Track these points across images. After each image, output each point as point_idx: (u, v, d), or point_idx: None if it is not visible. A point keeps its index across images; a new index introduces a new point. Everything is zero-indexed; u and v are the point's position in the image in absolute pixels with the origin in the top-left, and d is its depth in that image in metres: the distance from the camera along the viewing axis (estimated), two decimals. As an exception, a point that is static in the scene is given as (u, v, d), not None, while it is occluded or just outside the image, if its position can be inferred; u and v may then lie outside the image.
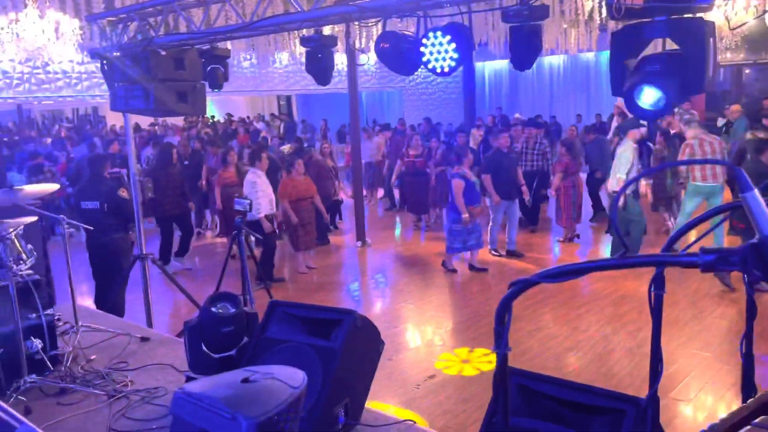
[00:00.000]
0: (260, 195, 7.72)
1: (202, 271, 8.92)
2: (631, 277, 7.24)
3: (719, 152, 7.80)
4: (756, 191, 0.82)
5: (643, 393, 4.67)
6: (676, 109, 10.57)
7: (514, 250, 8.78)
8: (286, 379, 1.84)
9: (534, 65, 3.78)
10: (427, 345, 6.03)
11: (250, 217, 7.45)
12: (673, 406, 4.55)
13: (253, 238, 7.33)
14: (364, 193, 11.50)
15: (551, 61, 20.08)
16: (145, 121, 17.93)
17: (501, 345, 1.00)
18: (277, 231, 8.29)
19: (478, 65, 21.39)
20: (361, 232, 9.92)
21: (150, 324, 5.81)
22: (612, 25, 7.60)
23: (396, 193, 12.23)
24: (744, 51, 16.53)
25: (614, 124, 15.40)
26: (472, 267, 8.22)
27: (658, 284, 1.27)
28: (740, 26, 10.81)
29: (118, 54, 5.22)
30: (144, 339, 4.76)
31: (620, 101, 17.48)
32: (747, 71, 17.47)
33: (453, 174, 7.94)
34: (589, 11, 9.88)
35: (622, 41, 3.14)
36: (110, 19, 5.59)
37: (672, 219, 9.36)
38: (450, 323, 6.60)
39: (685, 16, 2.78)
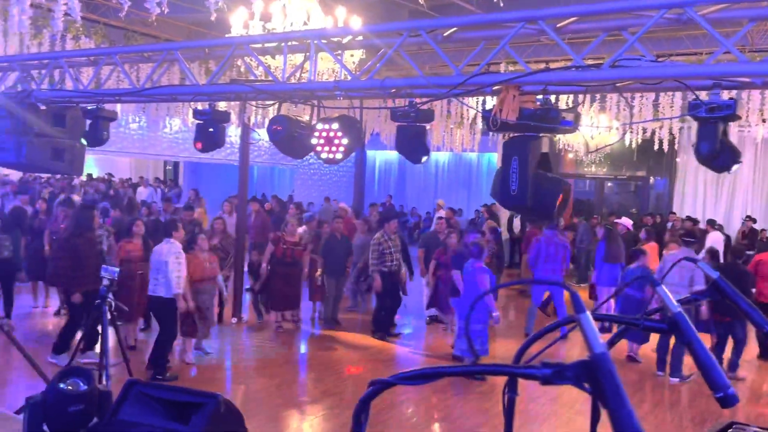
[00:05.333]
0: (181, 270, 6.79)
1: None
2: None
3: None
4: (588, 313, 0.92)
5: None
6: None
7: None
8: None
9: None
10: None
11: (167, 294, 6.72)
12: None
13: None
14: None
15: (438, 156, 21.20)
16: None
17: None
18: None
19: (370, 153, 22.13)
20: (237, 309, 9.62)
21: (-15, 398, 5.19)
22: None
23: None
24: (607, 166, 18.40)
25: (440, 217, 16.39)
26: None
27: (511, 388, 1.32)
28: (601, 148, 12.16)
29: (-9, 102, 4.92)
30: (-25, 415, 4.23)
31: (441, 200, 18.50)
32: (609, 184, 19.35)
33: (479, 269, 7.30)
34: (473, 116, 10.64)
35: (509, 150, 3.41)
36: (-12, 65, 5.30)
37: None
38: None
39: (519, 135, 3.10)
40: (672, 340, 7.58)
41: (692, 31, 2.59)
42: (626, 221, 11.68)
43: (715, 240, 11.79)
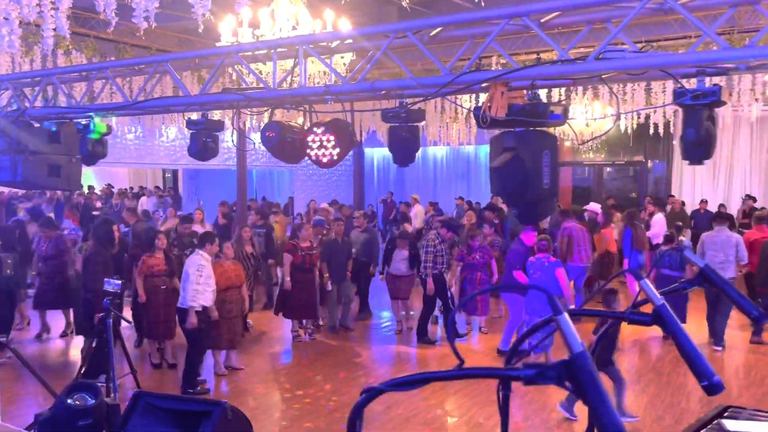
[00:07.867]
0: (204, 282, 6.65)
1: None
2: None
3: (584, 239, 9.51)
4: (566, 314, 0.94)
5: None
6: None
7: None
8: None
9: (419, 154, 4.02)
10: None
11: (181, 304, 6.56)
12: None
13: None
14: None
15: (435, 151, 21.24)
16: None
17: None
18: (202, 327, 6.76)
19: (368, 151, 22.14)
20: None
21: (-4, 416, 5.24)
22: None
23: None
24: (604, 152, 18.40)
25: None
26: None
27: (505, 386, 1.35)
28: (593, 138, 12.21)
29: (-14, 123, 4.95)
30: (-14, 434, 4.28)
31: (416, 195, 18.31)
32: (608, 170, 19.35)
33: (555, 263, 7.39)
34: (467, 110, 10.66)
35: (492, 146, 3.47)
36: (-19, 85, 5.33)
37: None
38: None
39: (529, 129, 3.12)
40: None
41: (681, 15, 2.60)
42: (594, 206, 11.71)
43: (657, 221, 11.98)
